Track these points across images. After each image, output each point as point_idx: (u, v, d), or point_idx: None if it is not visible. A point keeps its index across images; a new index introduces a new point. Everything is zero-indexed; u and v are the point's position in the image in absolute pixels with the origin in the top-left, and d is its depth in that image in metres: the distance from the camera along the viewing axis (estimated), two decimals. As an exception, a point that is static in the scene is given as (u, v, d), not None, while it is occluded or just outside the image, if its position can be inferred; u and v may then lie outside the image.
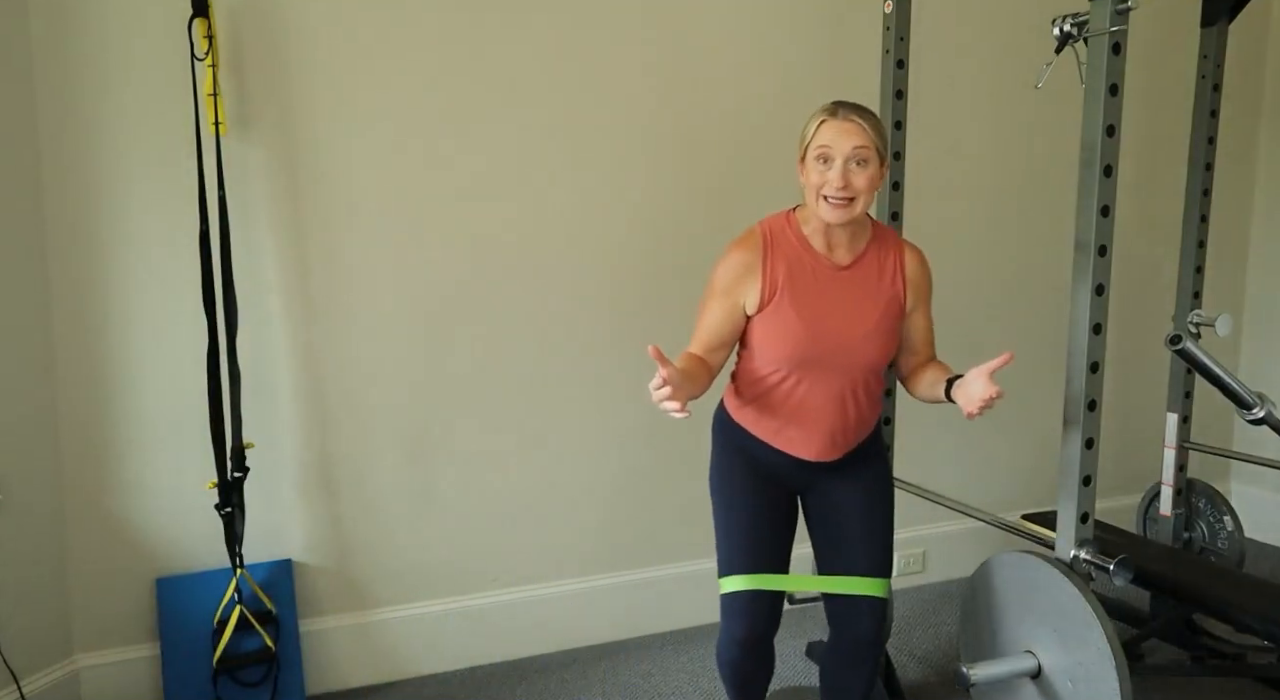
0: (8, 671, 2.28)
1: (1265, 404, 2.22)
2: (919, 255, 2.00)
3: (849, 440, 1.98)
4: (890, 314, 1.93)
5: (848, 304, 1.89)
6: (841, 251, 1.90)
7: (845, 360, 1.89)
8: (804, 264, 1.88)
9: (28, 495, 2.35)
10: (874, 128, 1.82)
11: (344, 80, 2.52)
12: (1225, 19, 2.81)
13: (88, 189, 2.37)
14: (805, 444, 1.95)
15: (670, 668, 2.80)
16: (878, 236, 1.96)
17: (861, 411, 1.97)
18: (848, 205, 1.81)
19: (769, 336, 1.88)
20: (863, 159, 1.80)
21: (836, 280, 1.89)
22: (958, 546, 3.32)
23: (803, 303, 1.86)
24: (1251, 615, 2.17)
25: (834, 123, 1.81)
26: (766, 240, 1.89)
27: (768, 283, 1.87)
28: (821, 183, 1.80)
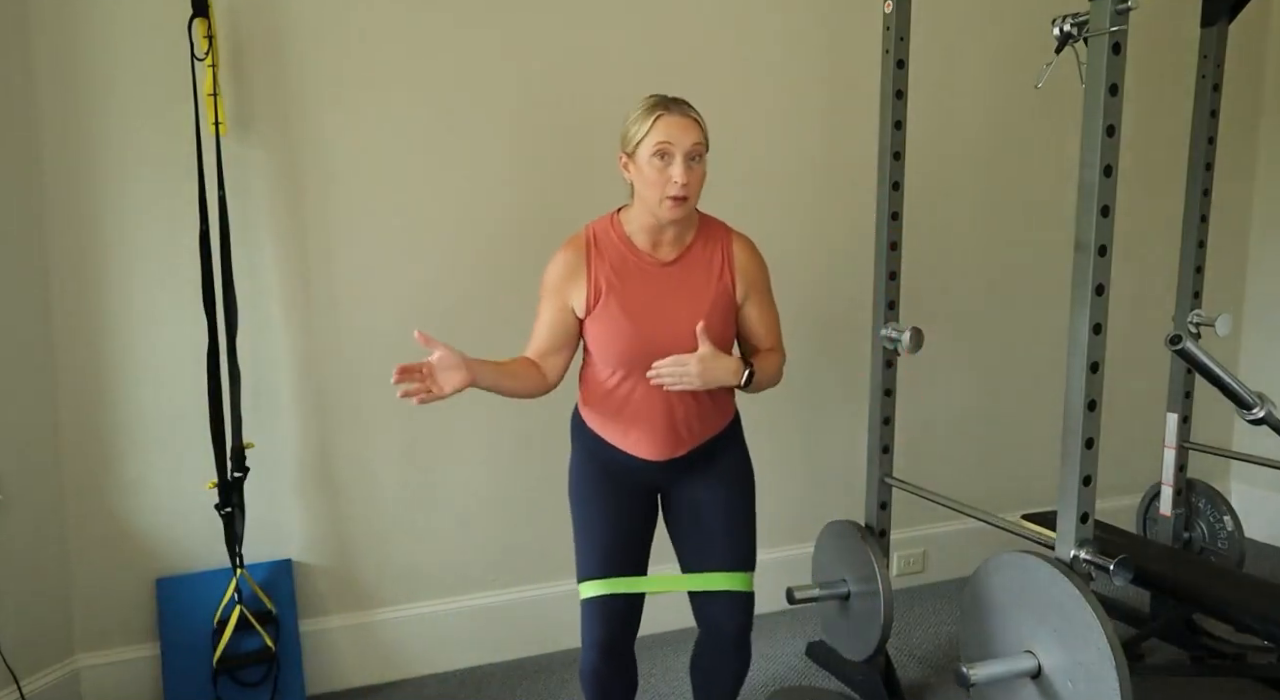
0: (8, 671, 2.28)
1: (1265, 404, 2.22)
2: (749, 245, 1.98)
3: (694, 437, 1.96)
4: (720, 307, 1.91)
5: (675, 300, 1.88)
6: (666, 248, 1.90)
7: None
8: (628, 263, 1.88)
9: (28, 495, 2.35)
10: (703, 123, 1.83)
11: (344, 80, 2.52)
12: (1225, 19, 2.81)
13: (88, 189, 2.37)
14: (649, 444, 1.93)
15: (670, 668, 2.80)
16: (705, 229, 1.94)
17: (703, 407, 1.95)
18: (684, 204, 1.80)
19: (599, 338, 1.89)
20: (699, 154, 1.80)
21: (662, 277, 1.88)
22: (958, 546, 3.32)
23: (629, 302, 1.86)
24: (1251, 615, 2.17)
25: (671, 118, 1.78)
26: (590, 243, 1.89)
27: (592, 285, 1.87)
28: (663, 181, 1.78)
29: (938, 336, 3.14)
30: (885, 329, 2.56)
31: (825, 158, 3.03)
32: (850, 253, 3.07)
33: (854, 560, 2.60)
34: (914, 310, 3.02)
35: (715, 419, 2.00)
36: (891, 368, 2.61)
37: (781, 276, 3.01)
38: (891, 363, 2.61)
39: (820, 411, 3.15)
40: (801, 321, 3.09)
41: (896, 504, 2.71)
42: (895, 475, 2.65)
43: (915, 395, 3.17)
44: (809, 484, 3.17)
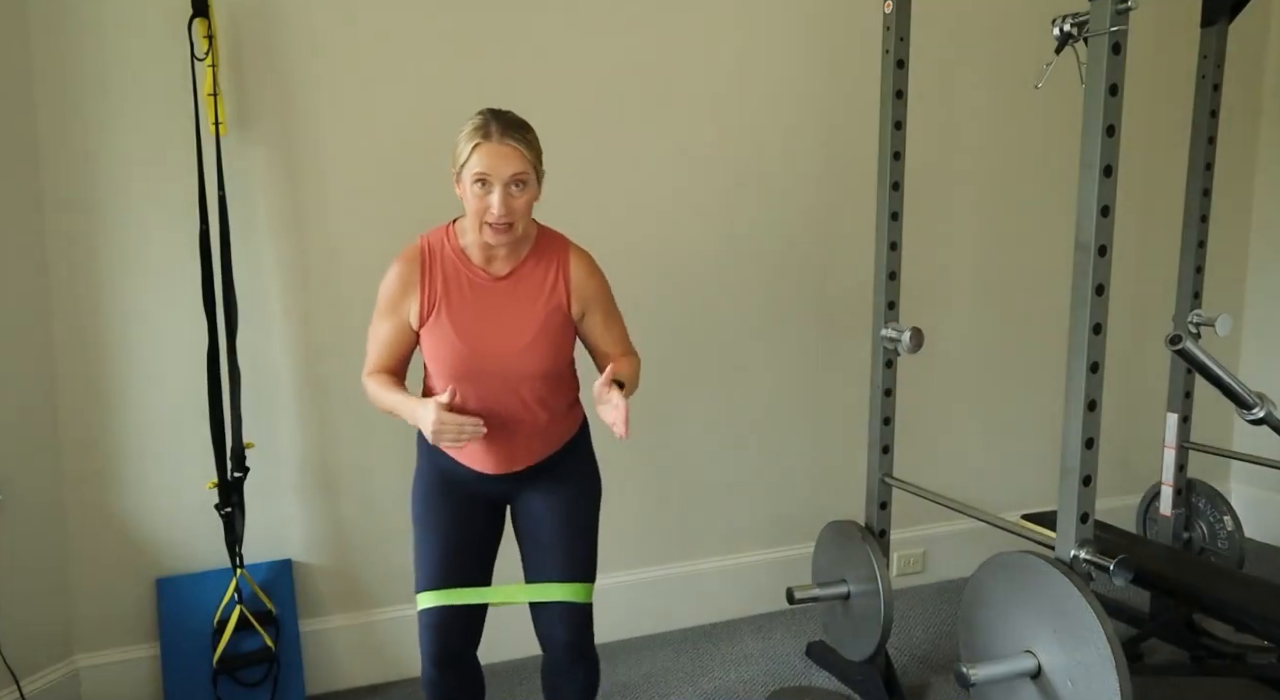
0: (8, 671, 2.28)
1: (1265, 404, 2.22)
2: (585, 261, 1.94)
3: (534, 452, 1.94)
4: (554, 324, 1.89)
5: (506, 315, 1.86)
6: (499, 263, 1.88)
7: (508, 372, 1.86)
8: (461, 277, 1.86)
9: (28, 495, 2.35)
10: (530, 148, 1.80)
11: (344, 80, 2.52)
12: (1225, 19, 2.81)
13: (88, 189, 2.37)
14: (485, 458, 1.92)
15: (670, 668, 2.80)
16: (542, 244, 1.92)
17: (539, 423, 1.92)
18: (509, 230, 1.79)
19: (432, 350, 1.87)
20: (522, 182, 1.78)
21: (494, 292, 1.86)
22: (958, 546, 3.32)
23: (459, 316, 1.84)
24: (1251, 615, 2.17)
25: (490, 146, 1.76)
26: (425, 254, 1.87)
27: (426, 297, 1.85)
28: (483, 209, 1.77)
29: (938, 336, 3.14)
30: (885, 329, 2.56)
31: (825, 158, 3.03)
32: (850, 253, 3.08)
33: (854, 560, 2.60)
34: (914, 310, 3.02)
35: (558, 433, 1.98)
36: (891, 368, 2.61)
37: (782, 276, 3.04)
38: (891, 363, 2.61)
39: (820, 411, 3.15)
40: (801, 321, 3.09)
41: (896, 504, 2.71)
42: (895, 475, 2.65)
43: (915, 395, 3.17)
44: (809, 484, 3.17)
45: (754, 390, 3.06)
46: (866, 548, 2.54)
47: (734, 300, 2.99)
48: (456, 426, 1.75)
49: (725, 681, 2.72)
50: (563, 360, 1.94)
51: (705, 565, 3.07)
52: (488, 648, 2.85)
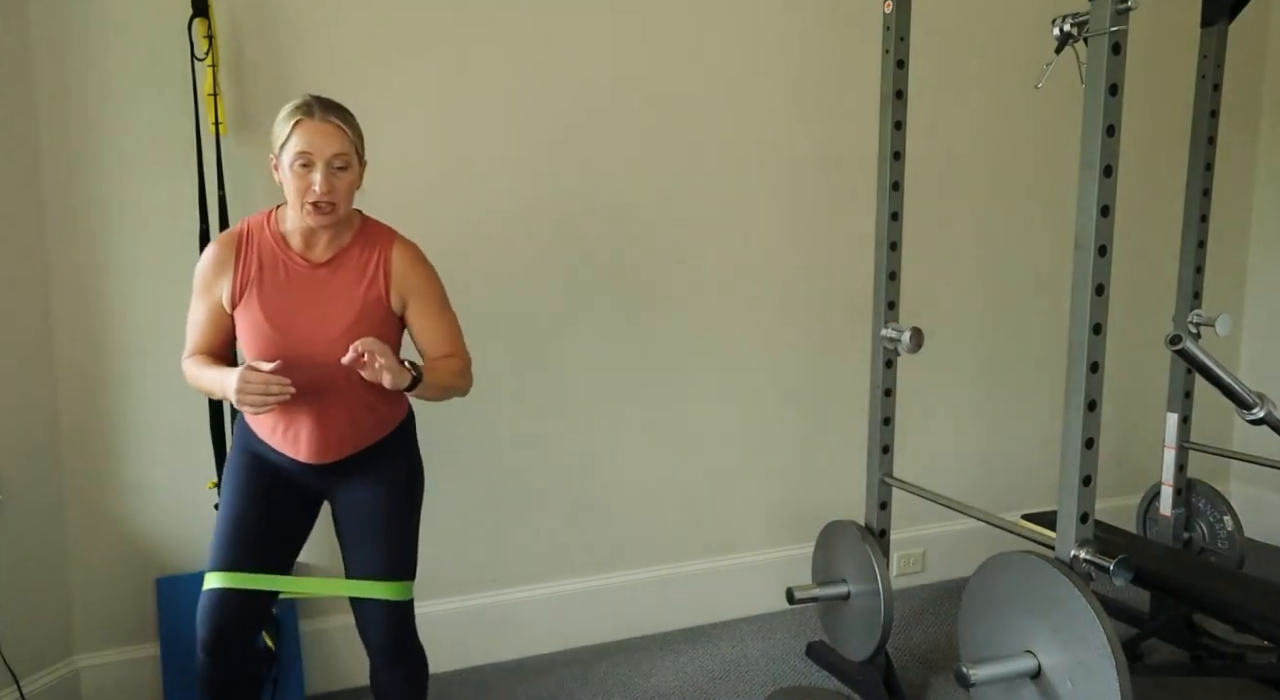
0: (8, 671, 2.28)
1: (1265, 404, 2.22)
2: (410, 252, 1.91)
3: (347, 443, 1.90)
4: (372, 314, 1.85)
5: (320, 303, 1.83)
6: (320, 250, 1.86)
7: (321, 360, 1.81)
8: (278, 261, 1.84)
9: (28, 495, 2.35)
10: (352, 129, 1.79)
11: (344, 80, 2.51)
12: (1225, 19, 2.81)
13: (88, 189, 2.37)
14: (297, 445, 1.88)
15: (670, 668, 2.80)
16: (366, 234, 1.89)
17: (356, 413, 1.88)
18: (331, 211, 1.77)
19: (244, 335, 1.85)
20: (344, 164, 1.77)
21: (311, 279, 1.84)
22: (958, 546, 3.32)
23: (271, 301, 1.82)
24: (1251, 615, 2.17)
25: (311, 124, 1.74)
26: (243, 238, 1.85)
27: (239, 280, 1.83)
28: (304, 188, 1.75)
29: (938, 336, 3.14)
30: (885, 329, 2.56)
31: (825, 158, 3.03)
32: (850, 253, 3.08)
33: (854, 560, 2.61)
34: (914, 310, 3.03)
35: (376, 425, 1.94)
36: (891, 368, 2.61)
37: (782, 276, 3.04)
38: (891, 363, 2.61)
39: (820, 411, 3.15)
40: (802, 321, 3.09)
41: (896, 504, 2.71)
42: (895, 475, 2.65)
43: (915, 395, 3.17)
44: (809, 484, 3.17)
45: (754, 390, 3.06)
46: (866, 548, 2.54)
47: (734, 300, 2.99)
48: (262, 384, 1.70)
49: (725, 681, 2.72)
50: None
51: (705, 565, 3.07)
52: (488, 647, 2.86)
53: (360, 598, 1.96)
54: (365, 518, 1.95)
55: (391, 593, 1.95)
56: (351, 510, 1.97)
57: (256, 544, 1.91)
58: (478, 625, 2.82)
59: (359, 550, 1.96)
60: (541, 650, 2.88)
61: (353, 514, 1.96)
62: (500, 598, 2.84)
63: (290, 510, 1.97)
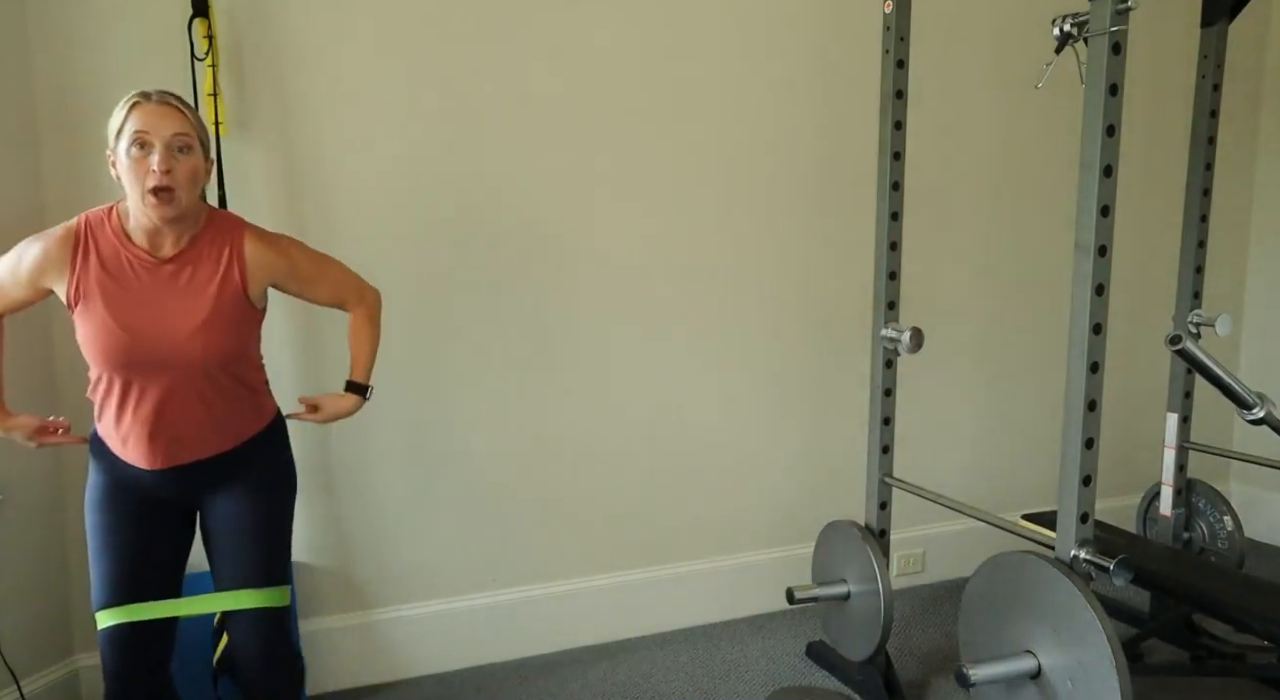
0: (8, 671, 2.28)
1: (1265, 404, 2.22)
2: (262, 239, 1.85)
3: (209, 445, 1.84)
4: (228, 308, 1.79)
5: (171, 301, 1.75)
6: (165, 246, 1.77)
7: (174, 360, 1.76)
8: (120, 259, 1.75)
9: (28, 495, 2.35)
10: (194, 114, 1.74)
11: (344, 80, 2.52)
12: (1225, 19, 2.81)
13: (88, 189, 2.36)
14: (149, 453, 1.79)
15: (670, 668, 2.80)
16: (213, 226, 1.82)
17: (215, 412, 1.82)
18: (172, 200, 1.69)
19: (85, 339, 1.75)
20: (185, 145, 1.70)
21: (158, 275, 1.76)
22: (958, 546, 3.32)
23: (116, 301, 1.73)
24: (1251, 615, 2.17)
25: (149, 106, 1.69)
26: (81, 234, 1.76)
27: (76, 280, 1.74)
28: (143, 171, 1.67)
29: (938, 336, 3.15)
30: (885, 329, 2.56)
31: (825, 157, 3.03)
32: (850, 253, 3.08)
33: (854, 560, 2.61)
34: (914, 310, 3.03)
35: (238, 425, 1.88)
36: (891, 368, 2.61)
37: (782, 276, 3.04)
38: (891, 363, 2.61)
39: (820, 411, 3.15)
40: (802, 321, 3.09)
41: (896, 504, 2.71)
42: (895, 475, 2.65)
43: (915, 395, 3.17)
44: (809, 484, 3.17)
45: (754, 390, 3.06)
46: (866, 548, 2.54)
47: (734, 300, 2.99)
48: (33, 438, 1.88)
49: (725, 681, 2.72)
50: (238, 346, 1.84)
51: (705, 565, 3.07)
52: (488, 647, 2.86)
53: (235, 610, 1.89)
54: (235, 527, 1.88)
55: (268, 600, 1.88)
56: (221, 521, 1.89)
57: (138, 574, 1.84)
58: (478, 625, 2.82)
59: (231, 560, 1.89)
60: (541, 650, 2.88)
61: (222, 524, 1.89)
62: (500, 598, 2.84)
63: (168, 529, 1.89)
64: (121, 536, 1.84)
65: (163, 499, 1.88)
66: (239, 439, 1.89)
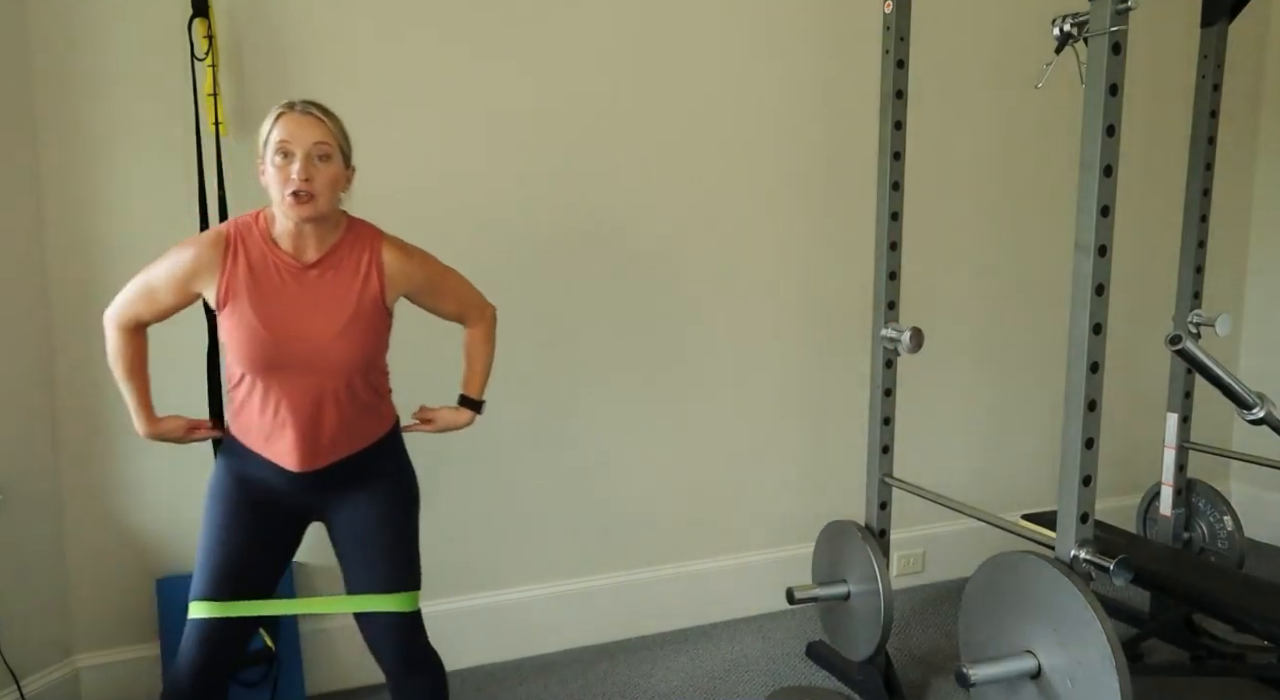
0: (8, 671, 2.28)
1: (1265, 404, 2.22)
2: (399, 249, 1.90)
3: (339, 447, 1.87)
4: (367, 314, 1.84)
5: (315, 304, 1.81)
6: (309, 251, 1.82)
7: (316, 363, 1.80)
8: (267, 263, 1.80)
9: (28, 495, 2.35)
10: (335, 123, 1.79)
11: (343, 80, 2.52)
12: (1225, 19, 2.81)
13: (88, 189, 2.37)
14: (288, 453, 1.83)
15: (670, 668, 2.80)
16: (353, 233, 1.87)
17: (347, 416, 1.86)
18: (310, 201, 1.74)
19: (231, 339, 1.80)
20: (325, 154, 1.76)
21: (303, 280, 1.81)
22: (957, 546, 3.32)
23: (263, 303, 1.78)
24: (1251, 615, 2.17)
25: (292, 116, 1.75)
26: (231, 238, 1.81)
27: (226, 282, 1.79)
28: (285, 179, 1.73)
29: (938, 336, 3.14)
30: (885, 329, 2.56)
31: (825, 158, 3.03)
32: (850, 253, 3.08)
33: (854, 560, 2.61)
34: (914, 310, 3.02)
35: (366, 429, 1.91)
36: (891, 368, 2.61)
37: (782, 276, 3.04)
38: (891, 363, 2.61)
39: (820, 411, 3.15)
40: (802, 322, 3.09)
41: (896, 504, 2.71)
42: (895, 475, 2.65)
43: (915, 395, 3.17)
44: (809, 484, 3.17)
45: (754, 390, 3.06)
46: (866, 548, 2.54)
47: (734, 300, 2.99)
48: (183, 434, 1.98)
49: (725, 681, 2.72)
50: (374, 351, 1.88)
51: (705, 565, 3.07)
52: (488, 647, 2.86)
53: (367, 613, 1.92)
54: (365, 533, 1.92)
55: (400, 604, 1.91)
56: (350, 527, 1.93)
57: (242, 570, 1.86)
58: (478, 625, 2.82)
59: (363, 566, 1.93)
60: (541, 650, 2.88)
61: (351, 530, 1.93)
62: (500, 598, 2.84)
63: (276, 532, 1.92)
64: (235, 532, 1.87)
65: (284, 503, 1.90)
66: (366, 442, 1.92)
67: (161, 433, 1.96)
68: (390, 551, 1.92)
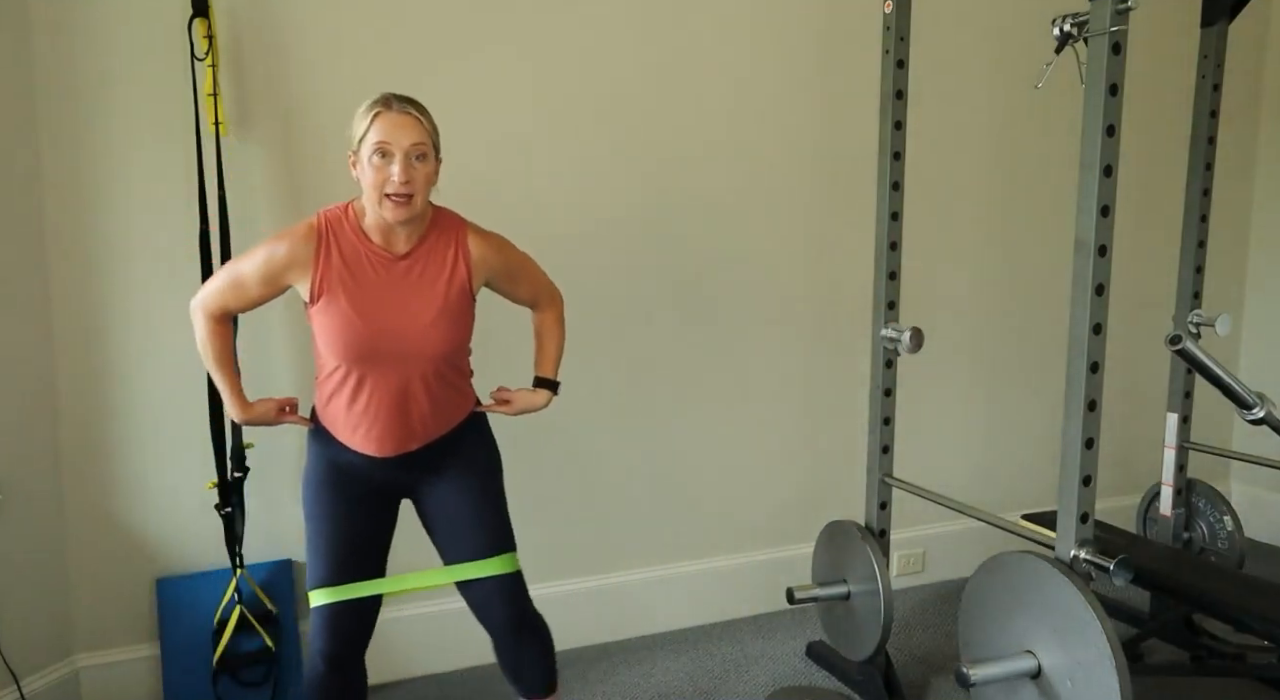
0: (8, 671, 2.28)
1: (1265, 404, 2.22)
2: (483, 236, 1.95)
3: (428, 431, 1.93)
4: (455, 302, 1.89)
5: (407, 294, 1.85)
6: (399, 242, 1.86)
7: (409, 352, 1.85)
8: (359, 255, 1.84)
9: (28, 495, 2.35)
10: (429, 121, 1.82)
11: (344, 80, 2.52)
12: (1225, 19, 2.81)
13: (88, 189, 2.37)
14: (380, 440, 1.89)
15: (670, 668, 2.80)
16: (439, 223, 1.91)
17: (437, 401, 1.92)
18: (409, 204, 1.78)
19: (327, 330, 1.83)
20: (422, 154, 1.79)
21: (394, 271, 1.85)
22: (958, 546, 3.32)
23: (358, 295, 1.82)
24: (1251, 615, 2.17)
25: (390, 116, 1.77)
26: (323, 232, 1.84)
27: (320, 275, 1.82)
28: (382, 180, 1.76)
29: (938, 336, 3.14)
30: (885, 329, 2.56)
31: (825, 158, 3.03)
32: (850, 253, 3.08)
33: (854, 560, 2.61)
34: (914, 310, 3.02)
35: (452, 411, 1.97)
36: (891, 368, 2.61)
37: (782, 276, 3.04)
38: (891, 363, 2.61)
39: (820, 411, 3.15)
40: (802, 321, 3.09)
41: (896, 504, 2.71)
42: (895, 475, 2.65)
43: (915, 395, 3.17)
44: (809, 484, 3.17)
45: (754, 390, 3.06)
46: (866, 548, 2.54)
47: (734, 300, 2.99)
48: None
49: (725, 681, 2.72)
50: (463, 339, 1.94)
51: (705, 565, 3.07)
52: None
53: (472, 581, 1.98)
54: (458, 506, 1.98)
55: (503, 566, 1.98)
56: (442, 502, 1.99)
57: (355, 553, 1.93)
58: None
59: (461, 538, 1.99)
60: (541, 650, 2.88)
61: (444, 506, 1.99)
62: (500, 598, 2.83)
63: (377, 513, 1.98)
64: (340, 518, 1.92)
65: (377, 485, 1.96)
66: (451, 425, 1.98)
67: (255, 417, 1.99)
68: (485, 519, 1.99)
